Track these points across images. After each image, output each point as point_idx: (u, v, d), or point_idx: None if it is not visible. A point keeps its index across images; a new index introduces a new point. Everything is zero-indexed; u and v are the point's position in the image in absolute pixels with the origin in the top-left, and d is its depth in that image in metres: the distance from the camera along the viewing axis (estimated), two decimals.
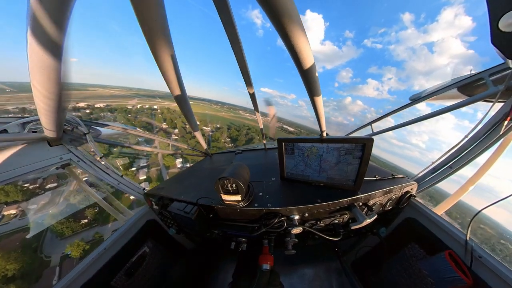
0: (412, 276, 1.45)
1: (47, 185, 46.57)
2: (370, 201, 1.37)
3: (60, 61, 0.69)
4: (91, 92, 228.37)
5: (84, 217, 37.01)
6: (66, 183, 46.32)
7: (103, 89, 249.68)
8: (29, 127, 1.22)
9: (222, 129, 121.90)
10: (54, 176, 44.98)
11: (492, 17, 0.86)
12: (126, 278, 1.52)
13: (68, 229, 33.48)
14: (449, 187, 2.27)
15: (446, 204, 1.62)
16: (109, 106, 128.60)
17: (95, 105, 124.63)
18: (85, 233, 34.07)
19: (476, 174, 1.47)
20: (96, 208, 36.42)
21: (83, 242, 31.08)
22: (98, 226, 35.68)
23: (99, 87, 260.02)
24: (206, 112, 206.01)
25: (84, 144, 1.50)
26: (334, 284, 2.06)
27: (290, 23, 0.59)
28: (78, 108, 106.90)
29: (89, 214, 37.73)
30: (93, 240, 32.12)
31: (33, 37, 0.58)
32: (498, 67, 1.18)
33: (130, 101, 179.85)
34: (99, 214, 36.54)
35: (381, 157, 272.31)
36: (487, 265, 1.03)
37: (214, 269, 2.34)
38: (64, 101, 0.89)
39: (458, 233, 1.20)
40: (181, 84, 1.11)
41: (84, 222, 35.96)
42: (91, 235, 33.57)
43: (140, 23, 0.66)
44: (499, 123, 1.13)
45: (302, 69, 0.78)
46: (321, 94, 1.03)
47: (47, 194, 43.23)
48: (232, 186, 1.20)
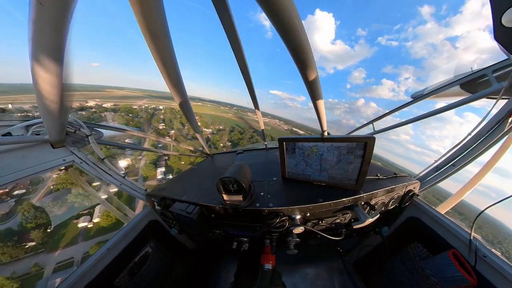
0: (415, 275, 1.44)
1: (15, 191, 38.43)
2: (372, 200, 1.36)
3: (62, 64, 0.69)
4: (106, 93, 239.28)
5: (35, 238, 27.56)
6: (36, 190, 39.90)
7: (119, 90, 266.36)
8: (32, 129, 1.23)
9: (224, 131, 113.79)
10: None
11: (495, 12, 0.85)
12: (129, 277, 1.53)
13: (6, 255, 24.19)
14: (451, 187, 2.24)
15: (449, 203, 1.60)
16: (116, 105, 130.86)
17: (102, 105, 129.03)
18: (26, 261, 24.46)
19: (480, 172, 1.45)
20: (49, 227, 28.62)
21: (11, 279, 21.70)
22: (44, 252, 26.78)
23: (116, 89, 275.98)
24: (212, 113, 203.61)
25: (86, 146, 1.52)
26: (336, 283, 2.05)
27: (290, 22, 0.59)
28: (85, 108, 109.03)
29: (36, 237, 27.91)
30: (28, 275, 23.06)
31: (34, 40, 0.59)
32: (501, 63, 1.16)
33: (139, 101, 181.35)
34: (49, 237, 28.41)
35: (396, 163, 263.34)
36: (492, 265, 1.01)
37: (216, 268, 2.35)
38: (67, 103, 0.90)
39: (462, 232, 1.18)
40: (181, 85, 1.12)
41: (32, 245, 26.82)
42: (29, 267, 24.12)
43: (140, 24, 0.67)
44: (503, 120, 1.11)
45: (303, 69, 0.78)
46: (322, 94, 1.02)
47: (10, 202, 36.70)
48: (233, 186, 1.21)
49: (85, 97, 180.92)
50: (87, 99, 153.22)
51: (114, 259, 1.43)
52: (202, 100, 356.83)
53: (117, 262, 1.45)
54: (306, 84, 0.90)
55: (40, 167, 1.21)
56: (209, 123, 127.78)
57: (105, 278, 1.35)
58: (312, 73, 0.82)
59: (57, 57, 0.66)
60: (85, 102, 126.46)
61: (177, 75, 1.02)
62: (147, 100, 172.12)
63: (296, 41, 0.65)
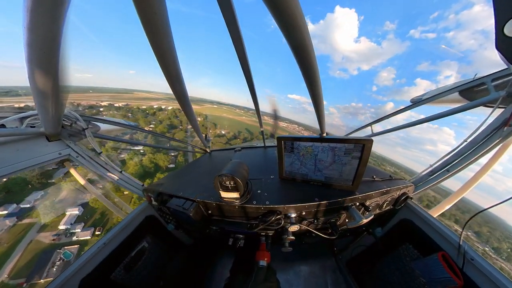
0: (405, 275, 1.49)
1: None
2: (367, 201, 1.39)
3: (57, 54, 0.67)
4: (132, 95, 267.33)
5: None
6: None
7: (144, 93, 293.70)
8: (27, 122, 1.20)
9: (228, 135, 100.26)
10: None
11: (498, 21, 0.85)
12: (125, 272, 1.54)
13: None
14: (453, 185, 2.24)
15: (441, 207, 1.65)
16: (128, 105, 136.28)
17: (114, 104, 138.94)
18: None
19: (472, 179, 1.49)
20: None
21: None
22: None
23: (143, 92, 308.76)
24: (223, 116, 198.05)
25: (83, 140, 1.50)
26: (329, 281, 2.11)
27: (294, 20, 0.58)
28: (94, 106, 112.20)
29: None
30: None
31: (29, 29, 0.57)
32: (501, 72, 1.18)
33: (153, 102, 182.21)
34: None
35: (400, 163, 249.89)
36: (479, 268, 1.05)
37: (212, 264, 2.38)
38: (62, 95, 0.88)
39: (452, 236, 1.22)
40: (180, 80, 1.10)
41: None
42: None
43: (139, 14, 0.65)
44: (498, 129, 1.13)
45: (305, 69, 0.78)
46: (322, 94, 1.03)
47: None
48: (230, 183, 1.21)
49: (114, 98, 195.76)
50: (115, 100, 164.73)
51: (110, 254, 1.43)
52: (219, 103, 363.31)
53: (113, 257, 1.45)
54: (307, 84, 0.90)
55: (35, 160, 1.19)
56: (209, 126, 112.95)
57: (101, 272, 1.36)
58: (314, 73, 0.82)
59: (52, 47, 0.63)
60: (100, 102, 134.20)
61: (177, 70, 1.00)
62: (163, 101, 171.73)
63: (298, 40, 0.65)
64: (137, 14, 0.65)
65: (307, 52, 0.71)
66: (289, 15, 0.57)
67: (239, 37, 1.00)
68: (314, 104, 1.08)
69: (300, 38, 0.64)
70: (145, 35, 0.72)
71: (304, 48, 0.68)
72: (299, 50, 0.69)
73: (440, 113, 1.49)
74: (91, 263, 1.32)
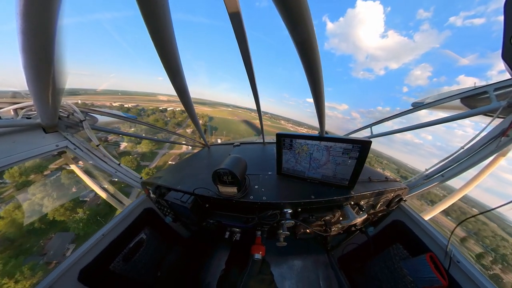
0: (394, 273, 1.56)
1: None
2: (361, 201, 1.42)
3: (53, 42, 0.64)
4: (154, 98, 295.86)
5: None
6: None
7: (161, 96, 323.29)
8: (22, 113, 1.17)
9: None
10: None
11: (507, 31, 0.84)
12: (124, 263, 1.58)
13: None
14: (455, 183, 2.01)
15: (433, 211, 1.70)
16: (137, 106, 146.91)
17: (124, 105, 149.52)
18: None
19: (465, 186, 1.52)
20: None
21: None
22: None
23: (162, 95, 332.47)
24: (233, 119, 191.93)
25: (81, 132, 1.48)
26: (321, 276, 2.20)
27: (299, 15, 0.57)
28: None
29: None
30: None
31: (23, 14, 0.54)
32: (504, 82, 1.18)
33: (165, 104, 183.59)
34: None
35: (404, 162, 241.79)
36: (463, 270, 1.11)
37: (208, 256, 2.45)
38: (59, 85, 0.85)
39: (441, 238, 1.27)
40: (180, 75, 1.08)
41: None
42: None
43: (140, 7, 0.62)
44: (495, 138, 1.15)
45: (308, 66, 0.76)
46: (324, 92, 1.01)
47: None
48: (228, 178, 1.22)
49: (137, 101, 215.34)
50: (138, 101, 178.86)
51: (109, 245, 1.45)
52: (237, 107, 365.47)
53: (112, 248, 1.48)
54: (310, 82, 0.89)
55: (32, 152, 1.17)
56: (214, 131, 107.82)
57: (100, 263, 1.38)
58: (317, 71, 0.81)
59: (48, 33, 0.61)
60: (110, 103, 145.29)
61: (177, 64, 0.97)
62: (173, 103, 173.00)
63: (303, 36, 0.64)
64: (137, 4, 0.62)
65: (312, 49, 0.69)
66: (295, 9, 0.55)
67: (244, 40, 0.98)
68: (315, 102, 1.07)
69: (305, 34, 0.63)
70: (145, 26, 0.69)
71: (309, 44, 0.67)
72: (304, 46, 0.68)
73: (439, 119, 1.50)
74: (90, 254, 1.34)
